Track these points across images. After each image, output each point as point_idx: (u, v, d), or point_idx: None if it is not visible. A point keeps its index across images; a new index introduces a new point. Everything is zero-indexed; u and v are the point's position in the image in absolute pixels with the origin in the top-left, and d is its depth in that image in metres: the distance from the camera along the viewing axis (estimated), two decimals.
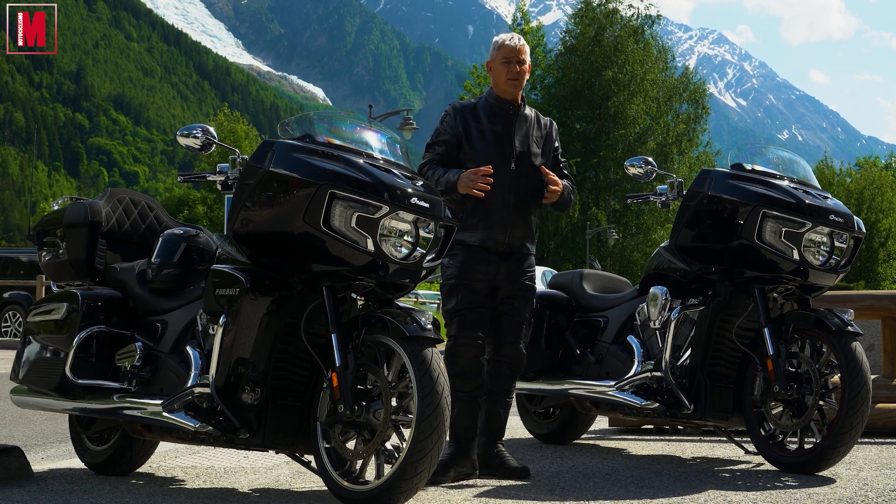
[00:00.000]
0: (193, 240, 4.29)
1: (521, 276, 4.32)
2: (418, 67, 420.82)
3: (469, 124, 4.30)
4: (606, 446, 5.35)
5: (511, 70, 4.30)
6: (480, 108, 4.35)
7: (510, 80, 4.30)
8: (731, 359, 4.45)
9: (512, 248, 4.28)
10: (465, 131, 4.29)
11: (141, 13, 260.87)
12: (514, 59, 4.31)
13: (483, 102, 4.38)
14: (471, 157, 4.25)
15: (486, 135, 4.28)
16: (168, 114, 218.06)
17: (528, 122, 4.37)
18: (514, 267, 4.29)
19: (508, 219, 4.25)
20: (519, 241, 4.29)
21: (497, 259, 4.25)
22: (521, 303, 4.32)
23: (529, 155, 4.32)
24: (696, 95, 40.39)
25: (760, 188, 4.29)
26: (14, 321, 17.49)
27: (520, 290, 4.31)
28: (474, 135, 4.28)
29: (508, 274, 4.28)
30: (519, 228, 4.28)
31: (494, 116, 4.32)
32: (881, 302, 5.77)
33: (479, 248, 4.23)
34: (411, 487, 3.30)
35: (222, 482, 4.23)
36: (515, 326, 4.30)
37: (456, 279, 4.22)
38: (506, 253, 4.27)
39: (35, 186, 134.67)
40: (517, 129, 4.32)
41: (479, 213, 4.22)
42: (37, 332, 4.38)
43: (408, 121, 24.71)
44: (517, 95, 4.35)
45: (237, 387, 3.54)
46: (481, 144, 4.26)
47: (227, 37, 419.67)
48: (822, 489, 3.80)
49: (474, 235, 4.23)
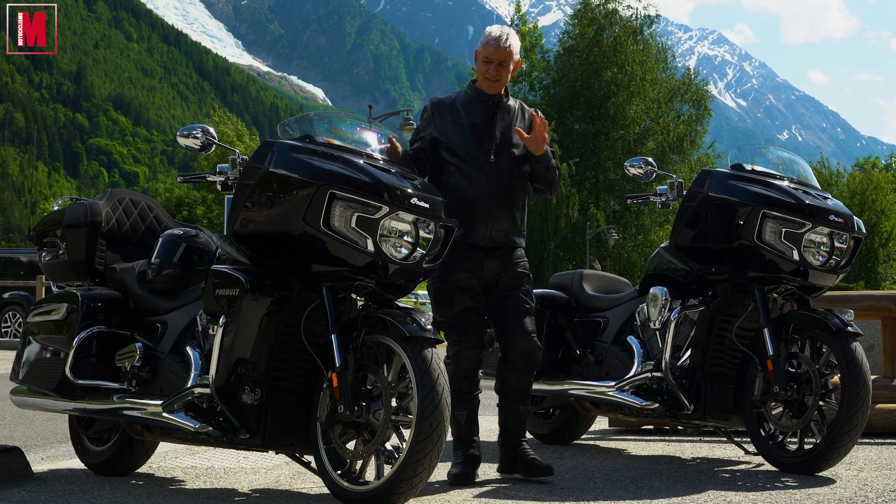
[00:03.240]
0: (193, 240, 4.29)
1: (512, 267, 4.18)
2: (418, 68, 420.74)
3: (446, 118, 4.21)
4: (606, 447, 5.35)
5: (489, 71, 4.18)
6: (459, 102, 4.25)
7: (487, 80, 4.20)
8: (731, 359, 4.45)
9: (494, 242, 4.14)
10: (441, 126, 4.19)
11: (141, 13, 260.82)
12: (495, 61, 4.17)
13: (462, 95, 4.29)
14: (450, 151, 4.16)
15: (464, 128, 4.18)
16: (168, 114, 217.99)
17: (511, 113, 4.25)
18: (501, 260, 4.17)
19: (489, 212, 4.12)
20: (502, 234, 4.16)
21: (480, 255, 4.13)
22: (521, 292, 4.18)
23: (510, 146, 4.20)
24: (698, 97, 40.36)
25: (760, 188, 4.29)
26: (14, 321, 17.49)
27: (515, 280, 4.18)
28: (452, 128, 4.19)
29: (497, 268, 4.15)
30: (501, 222, 4.15)
31: (473, 108, 4.21)
32: (881, 302, 5.77)
33: (462, 244, 4.06)
34: (411, 487, 3.29)
35: (222, 482, 4.23)
36: (522, 318, 4.15)
37: (442, 282, 4.13)
38: (489, 248, 4.14)
39: (35, 187, 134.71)
40: (498, 120, 4.20)
41: (458, 207, 4.07)
42: (37, 332, 4.37)
43: (408, 121, 24.70)
44: (496, 93, 4.23)
45: (237, 387, 3.55)
46: (459, 137, 4.16)
47: (226, 37, 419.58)
48: (822, 489, 3.80)
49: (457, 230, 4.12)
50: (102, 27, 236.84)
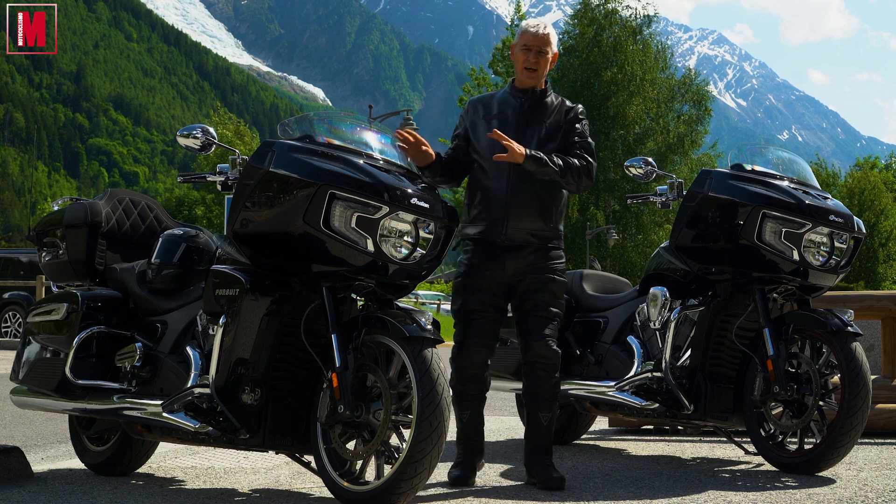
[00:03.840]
0: (193, 240, 4.29)
1: (538, 270, 4.05)
2: (418, 68, 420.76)
3: (479, 115, 4.17)
4: (606, 447, 5.35)
5: (528, 59, 4.10)
6: (496, 99, 4.20)
7: (526, 69, 4.11)
8: (731, 359, 4.45)
9: (513, 241, 4.03)
10: (473, 123, 4.17)
11: (141, 13, 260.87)
12: (534, 48, 4.10)
13: (500, 93, 4.24)
14: (475, 148, 4.13)
15: (491, 124, 4.09)
16: (168, 114, 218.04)
17: (547, 110, 4.14)
18: (526, 261, 4.05)
19: (504, 210, 4.02)
20: (523, 233, 4.03)
21: (501, 253, 4.04)
22: (543, 296, 4.04)
23: (536, 142, 4.07)
24: (698, 97, 40.36)
25: (760, 188, 4.29)
26: (14, 321, 17.48)
27: (540, 284, 4.04)
28: (481, 125, 4.14)
29: (521, 269, 4.04)
30: (521, 220, 4.02)
31: (506, 105, 4.15)
32: (881, 302, 5.77)
33: (484, 241, 4.05)
34: (411, 488, 3.29)
35: (222, 483, 4.23)
36: (541, 322, 4.03)
37: (463, 278, 4.09)
38: (511, 246, 4.05)
39: (35, 187, 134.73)
40: (529, 116, 4.11)
41: (479, 203, 4.07)
42: (37, 332, 4.37)
43: (408, 121, 24.70)
44: (534, 85, 4.15)
45: (237, 387, 3.54)
46: (483, 133, 4.11)
47: (226, 37, 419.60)
48: (822, 489, 3.80)
49: (475, 228, 4.10)
50: (102, 27, 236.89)
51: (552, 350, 4.05)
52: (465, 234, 4.14)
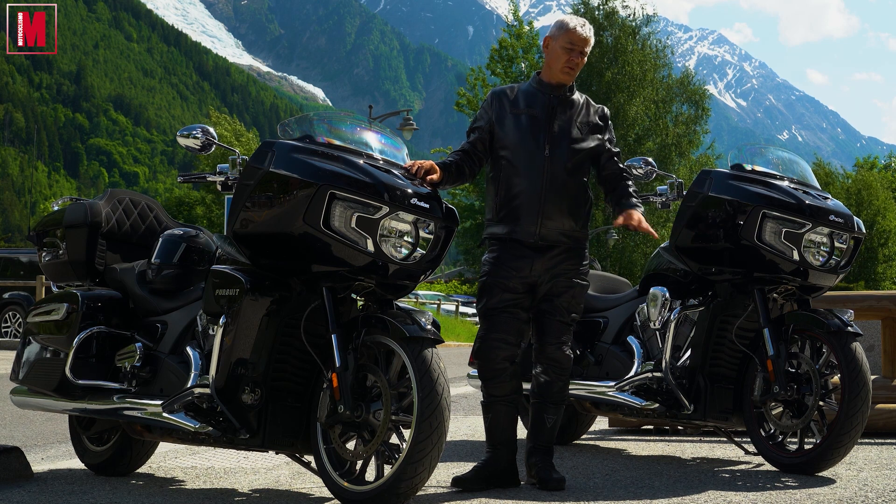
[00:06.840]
0: (193, 240, 4.29)
1: (565, 273, 4.03)
2: (418, 68, 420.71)
3: (504, 108, 4.09)
4: (606, 447, 5.35)
5: (571, 60, 4.06)
6: (520, 92, 4.13)
7: (567, 68, 4.07)
8: (730, 359, 4.45)
9: (546, 240, 3.98)
10: (499, 116, 4.10)
11: (141, 14, 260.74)
12: (578, 50, 4.07)
13: (525, 86, 4.16)
14: (503, 143, 4.05)
15: (521, 119, 4.04)
16: (168, 114, 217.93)
17: (574, 108, 4.12)
18: (553, 262, 4.01)
19: (539, 208, 3.96)
20: (554, 232, 3.99)
21: (531, 253, 3.98)
22: (564, 301, 4.03)
23: (569, 140, 4.04)
24: (697, 97, 40.36)
25: (760, 189, 4.29)
26: (14, 321, 17.48)
27: (562, 288, 4.03)
28: (509, 119, 4.06)
29: (547, 270, 4.00)
30: (553, 219, 3.98)
31: (534, 100, 4.08)
32: (881, 302, 5.77)
33: (512, 241, 3.98)
34: (411, 488, 3.30)
35: (222, 483, 4.23)
36: (556, 326, 4.04)
37: (488, 276, 4.03)
38: (540, 246, 3.99)
39: (35, 187, 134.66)
40: (558, 113, 4.07)
41: (508, 202, 4.00)
42: (37, 332, 4.37)
43: (408, 121, 24.72)
44: (567, 82, 4.12)
45: (237, 387, 3.54)
46: (514, 129, 4.03)
47: (226, 37, 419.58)
48: (822, 490, 3.80)
49: (504, 227, 4.02)
50: (102, 27, 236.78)
51: (565, 355, 4.07)
52: (492, 233, 4.06)
